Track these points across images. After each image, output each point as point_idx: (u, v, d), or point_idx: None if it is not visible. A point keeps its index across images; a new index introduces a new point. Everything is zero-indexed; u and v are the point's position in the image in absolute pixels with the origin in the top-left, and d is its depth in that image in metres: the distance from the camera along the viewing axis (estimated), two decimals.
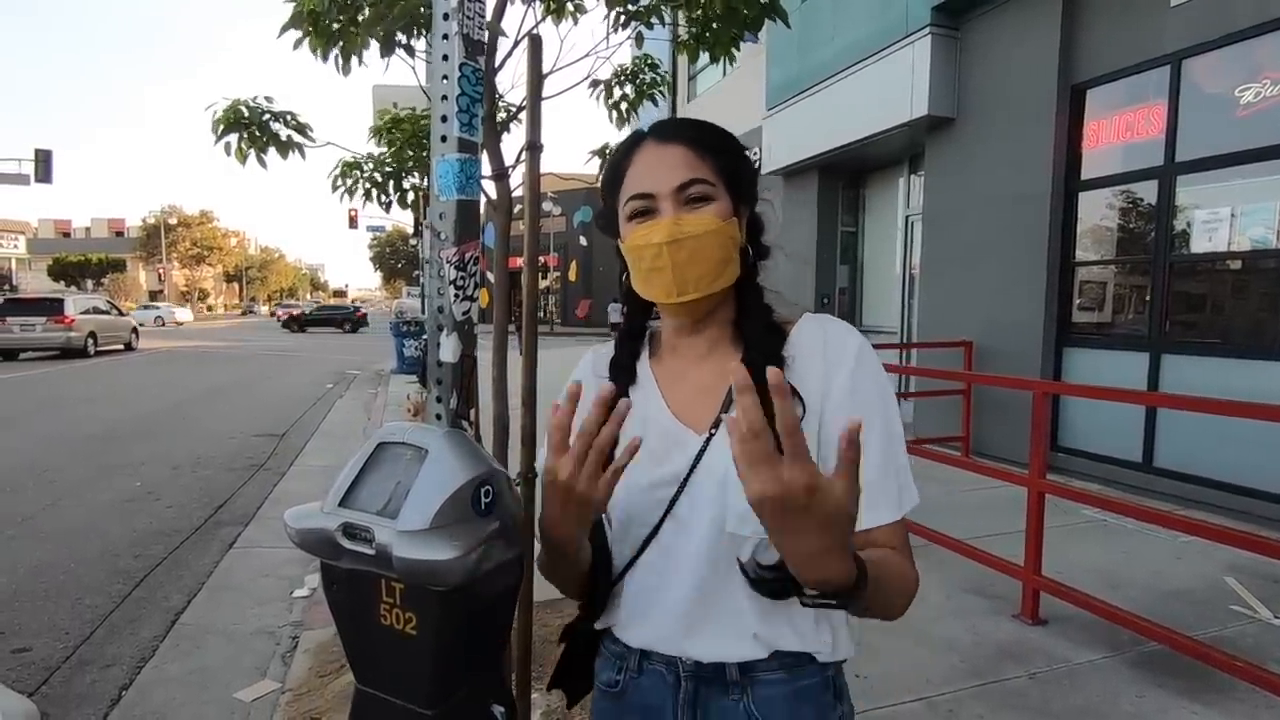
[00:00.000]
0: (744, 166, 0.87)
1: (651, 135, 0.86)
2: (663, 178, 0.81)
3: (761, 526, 0.73)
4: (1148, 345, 5.08)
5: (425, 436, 0.76)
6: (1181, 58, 4.81)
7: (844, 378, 0.80)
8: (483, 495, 0.74)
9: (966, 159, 6.38)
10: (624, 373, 0.91)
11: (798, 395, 0.78)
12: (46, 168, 21.18)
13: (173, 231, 55.65)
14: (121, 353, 19.00)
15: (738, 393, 0.58)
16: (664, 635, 0.82)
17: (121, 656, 3.05)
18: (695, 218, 0.80)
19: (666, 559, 0.81)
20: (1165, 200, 4.97)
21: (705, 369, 0.88)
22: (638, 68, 3.02)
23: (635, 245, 0.83)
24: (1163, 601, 3.23)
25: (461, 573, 0.67)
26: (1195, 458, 4.72)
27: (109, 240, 64.97)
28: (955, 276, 6.53)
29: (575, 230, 34.08)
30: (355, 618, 0.74)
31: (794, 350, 0.83)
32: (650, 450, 0.81)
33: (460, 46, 0.95)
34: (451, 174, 0.97)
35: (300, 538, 0.74)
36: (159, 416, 8.92)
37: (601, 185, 0.93)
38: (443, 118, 0.96)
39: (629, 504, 0.82)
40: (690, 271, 0.80)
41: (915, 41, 6.52)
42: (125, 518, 4.84)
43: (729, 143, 0.87)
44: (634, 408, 0.86)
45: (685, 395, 0.87)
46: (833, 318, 0.88)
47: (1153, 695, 2.49)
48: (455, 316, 1.01)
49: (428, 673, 0.70)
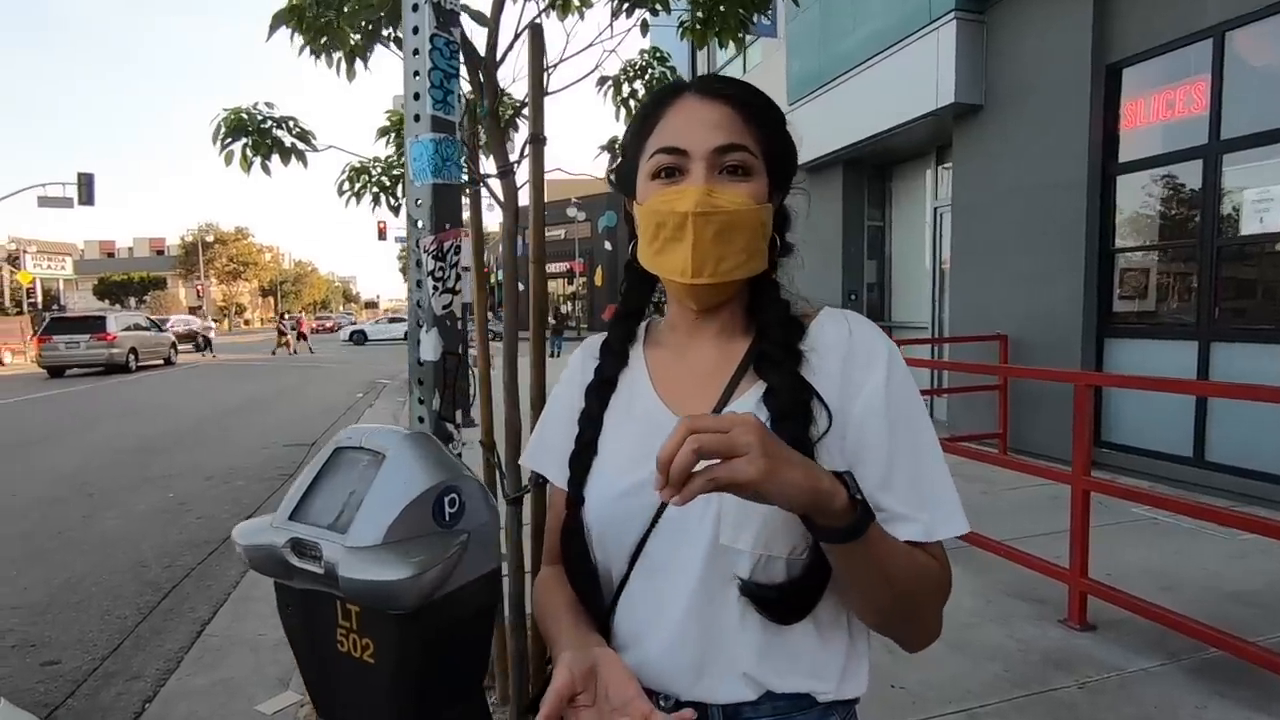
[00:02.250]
0: (789, 148, 0.77)
1: (695, 87, 0.74)
2: (701, 136, 0.70)
3: (759, 540, 0.66)
4: (1196, 334, 4.82)
5: (385, 440, 0.68)
6: (1224, 29, 4.56)
7: (876, 386, 0.70)
8: (446, 504, 0.66)
9: (996, 147, 6.17)
10: (615, 355, 0.82)
11: (820, 401, 0.69)
12: (89, 190, 21.91)
13: (210, 248, 57.20)
14: (161, 367, 19.52)
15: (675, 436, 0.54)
16: (648, 666, 0.71)
17: (147, 669, 3.05)
18: (731, 191, 0.70)
19: (655, 580, 0.71)
20: (1211, 181, 4.72)
21: (706, 353, 0.78)
22: (646, 62, 2.94)
23: (655, 209, 0.72)
24: (1222, 605, 3.02)
25: (419, 594, 0.59)
26: (1251, 451, 4.46)
27: (150, 259, 67.02)
28: (988, 268, 6.31)
29: (601, 235, 34.14)
30: (312, 644, 0.66)
31: (812, 344, 0.73)
32: (635, 446, 0.72)
33: (431, 16, 0.87)
34: (426, 155, 0.90)
35: (249, 555, 0.66)
36: (194, 429, 9.09)
37: (625, 135, 0.81)
38: (415, 95, 0.89)
39: (609, 511, 0.73)
40: (714, 251, 0.70)
41: (940, 28, 6.34)
42: (157, 529, 4.89)
43: (777, 116, 0.76)
44: (621, 396, 0.79)
45: (680, 382, 0.78)
46: (857, 314, 0.77)
47: (1215, 706, 2.31)
48: (435, 311, 0.94)
49: (387, 706, 0.62)
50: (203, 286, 55.31)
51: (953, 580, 0.71)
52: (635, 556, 0.72)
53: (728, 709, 0.69)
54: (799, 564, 0.67)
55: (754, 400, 0.71)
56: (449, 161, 0.93)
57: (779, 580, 0.67)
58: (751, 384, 0.73)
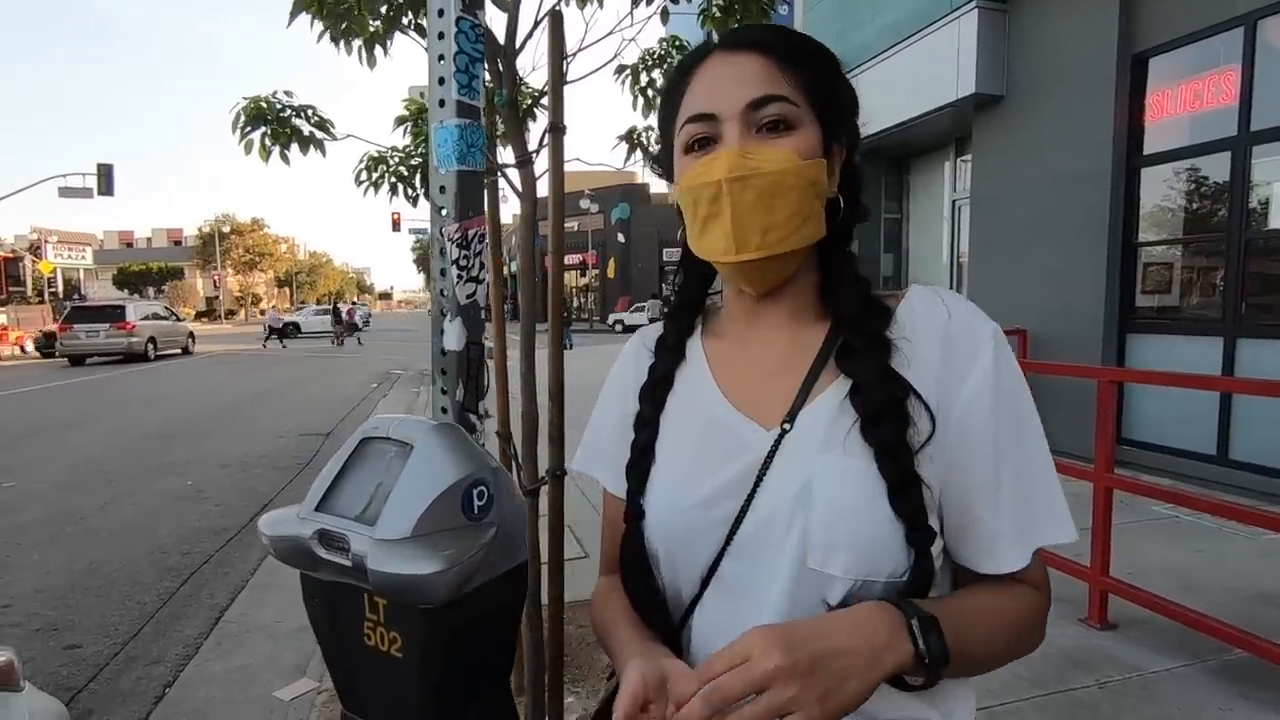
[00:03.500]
0: (840, 88, 0.66)
1: (720, 44, 0.65)
2: (730, 93, 0.62)
3: (853, 564, 0.58)
4: (1221, 329, 4.73)
5: (412, 430, 0.67)
6: (1256, 18, 4.45)
7: (981, 379, 0.60)
8: (475, 497, 0.65)
9: (1017, 138, 6.07)
10: (670, 352, 0.73)
11: (919, 399, 0.60)
12: (108, 181, 22.15)
13: (226, 239, 57.69)
14: (179, 356, 19.75)
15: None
16: None
17: (166, 654, 3.09)
18: (768, 149, 0.60)
19: (734, 601, 0.63)
20: (1240, 173, 4.62)
21: (773, 343, 0.68)
22: (665, 51, 2.91)
23: (689, 185, 0.64)
24: (1247, 605, 2.97)
25: (448, 588, 0.58)
26: (1277, 449, 4.38)
27: (168, 249, 67.73)
28: (1007, 262, 6.23)
29: (614, 228, 34.11)
30: (338, 637, 0.65)
31: (904, 330, 0.63)
32: (699, 454, 0.64)
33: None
34: (451, 141, 0.89)
35: (275, 546, 0.66)
36: (211, 417, 9.18)
37: (658, 117, 0.73)
38: (440, 79, 0.88)
39: (676, 527, 0.65)
40: (757, 221, 0.61)
41: (961, 17, 6.23)
42: (175, 516, 4.95)
43: (823, 55, 0.66)
44: (679, 396, 0.70)
45: (748, 377, 0.68)
46: (952, 292, 0.67)
47: (1241, 709, 2.27)
48: (459, 300, 0.92)
49: (415, 701, 0.62)
50: (219, 277, 55.85)
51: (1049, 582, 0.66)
52: (708, 577, 0.64)
53: None
54: (899, 586, 0.59)
55: (836, 399, 0.62)
56: (474, 148, 0.91)
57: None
58: (832, 380, 0.63)
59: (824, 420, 0.61)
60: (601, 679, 2.58)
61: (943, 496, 0.61)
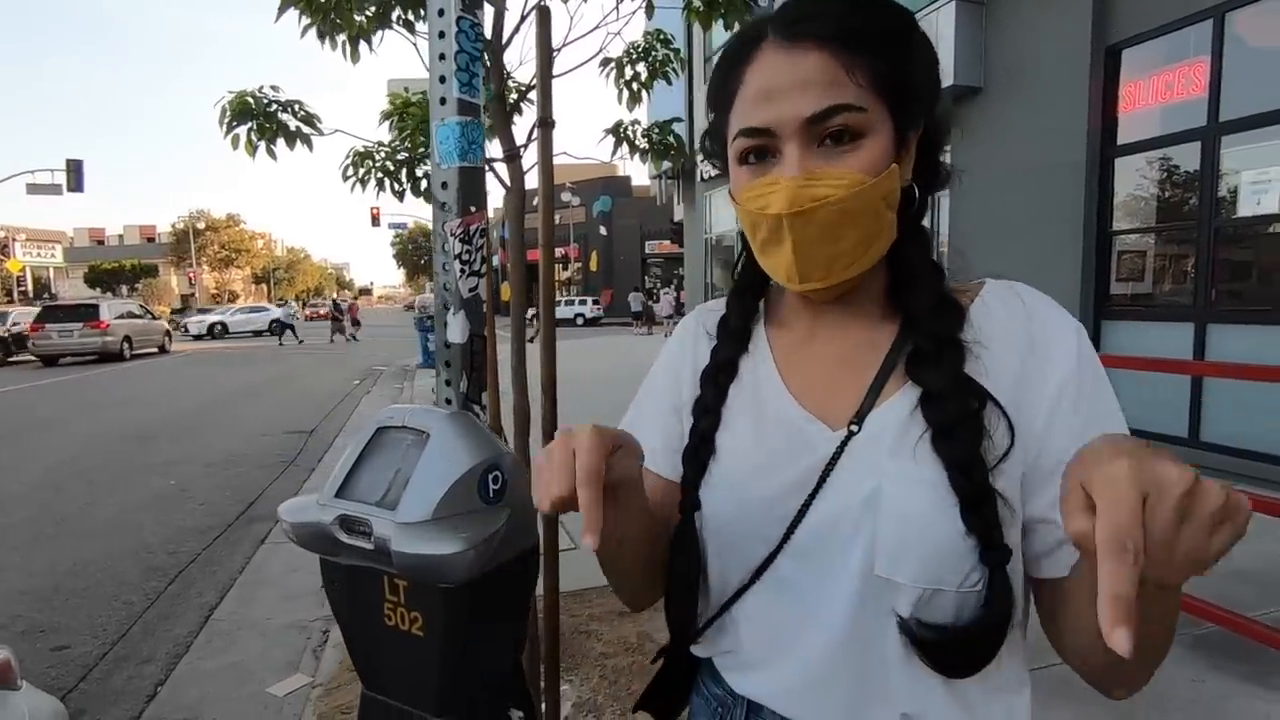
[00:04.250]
0: (917, 59, 0.59)
1: (774, 29, 0.57)
2: (785, 107, 0.55)
3: (924, 572, 0.54)
4: (1192, 315, 4.86)
5: (427, 419, 0.70)
6: (1225, 10, 4.56)
7: (1064, 384, 0.57)
8: (490, 481, 0.68)
9: (995, 129, 6.17)
10: (734, 337, 0.68)
11: (998, 408, 0.56)
12: (78, 177, 21.67)
13: (201, 235, 56.76)
14: (156, 355, 19.44)
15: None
16: (781, 692, 0.63)
17: (157, 653, 3.08)
18: (834, 173, 0.55)
19: (788, 597, 0.61)
20: (1209, 162, 4.74)
21: (844, 338, 0.64)
22: (649, 44, 2.92)
23: (747, 209, 0.59)
24: (1218, 581, 3.07)
25: (468, 567, 0.60)
26: (1246, 431, 4.52)
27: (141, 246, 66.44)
28: (986, 251, 6.33)
29: (595, 220, 34.07)
30: (358, 618, 0.68)
31: (980, 333, 0.59)
32: (762, 449, 0.62)
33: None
34: (453, 138, 0.91)
35: (296, 533, 0.68)
36: (192, 416, 9.08)
37: (707, 98, 0.66)
38: (440, 78, 0.89)
39: (734, 521, 0.63)
40: (821, 252, 0.56)
41: (940, 9, 6.31)
42: (160, 516, 4.91)
43: (895, 27, 0.58)
44: (743, 385, 0.66)
45: (813, 373, 0.64)
46: (1030, 288, 0.63)
47: (1213, 680, 2.37)
48: (462, 293, 0.95)
49: (437, 677, 0.64)
50: (195, 274, 54.96)
51: None
52: (760, 570, 0.62)
53: None
54: (972, 597, 0.55)
55: (906, 408, 0.58)
56: (474, 144, 0.94)
57: (947, 619, 0.56)
58: (902, 383, 0.60)
59: (894, 426, 0.58)
60: (593, 666, 2.62)
61: (1031, 508, 0.57)
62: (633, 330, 23.97)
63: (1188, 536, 0.36)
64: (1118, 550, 0.34)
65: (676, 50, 2.90)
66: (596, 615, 2.98)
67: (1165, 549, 0.36)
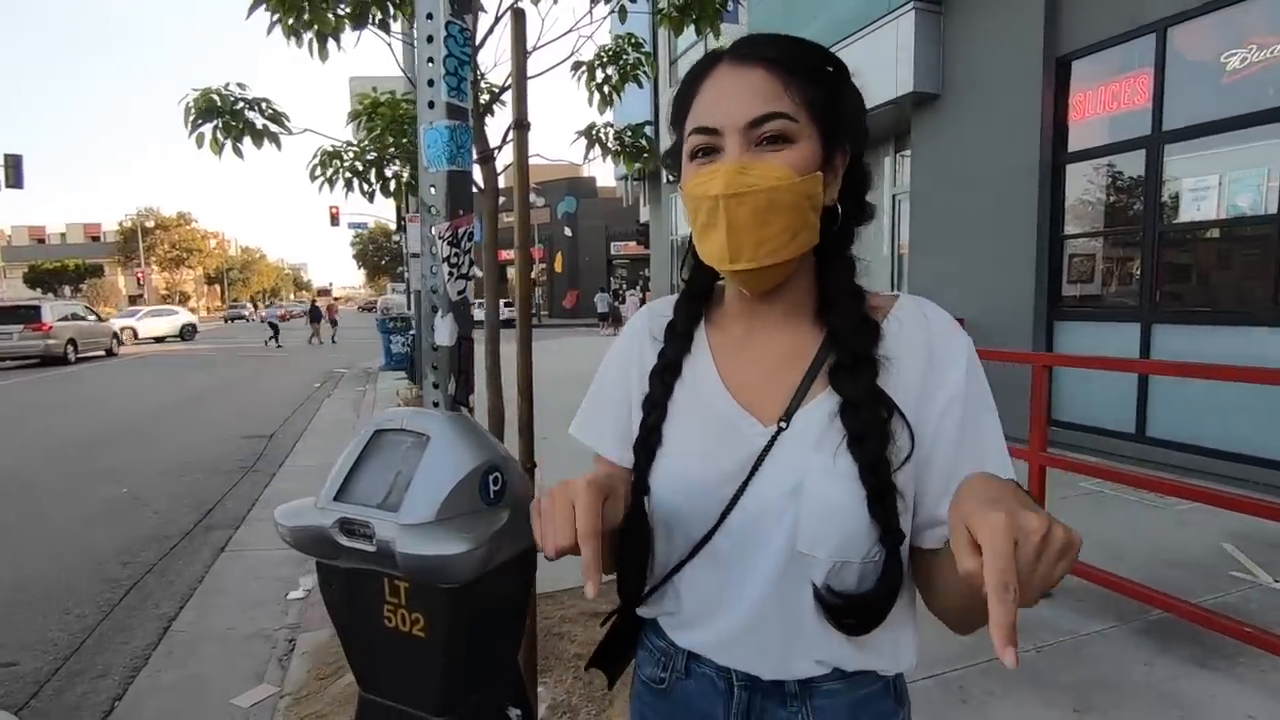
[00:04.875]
0: (845, 97, 0.70)
1: (729, 54, 0.69)
2: (731, 109, 0.65)
3: (836, 550, 0.66)
4: (1138, 316, 5.08)
5: (426, 421, 0.70)
6: (1167, 25, 4.78)
7: (954, 393, 0.67)
8: (491, 482, 0.68)
9: (953, 135, 6.35)
10: (679, 339, 0.78)
11: (902, 418, 0.66)
12: (17, 173, 20.67)
13: (151, 235, 54.77)
14: (103, 359, 18.70)
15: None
16: (717, 646, 0.74)
17: (113, 666, 2.97)
18: (765, 166, 0.64)
19: (722, 568, 0.71)
20: (1153, 170, 4.96)
21: (776, 341, 0.73)
22: (620, 48, 2.94)
23: (690, 193, 0.69)
24: (1165, 570, 3.23)
25: (473, 568, 0.61)
26: (1188, 426, 4.75)
27: (85, 245, 63.78)
28: (944, 253, 6.51)
29: (560, 221, 33.93)
30: (357, 621, 0.68)
31: (891, 348, 0.69)
32: (702, 440, 0.71)
33: (446, 3, 0.88)
34: (441, 142, 0.91)
35: (293, 536, 0.68)
36: (144, 422, 8.77)
37: (670, 119, 0.76)
38: (429, 81, 0.90)
39: (678, 504, 0.72)
40: (750, 235, 0.65)
41: (899, 17, 6.46)
42: (112, 525, 4.73)
43: (827, 64, 0.69)
44: (686, 383, 0.76)
45: (748, 373, 0.73)
46: (933, 305, 0.73)
47: (1161, 663, 2.48)
48: (450, 296, 0.95)
49: (439, 677, 0.65)
50: (143, 274, 53.02)
51: None
52: (698, 547, 0.72)
53: (802, 682, 0.72)
54: (872, 568, 0.67)
55: (827, 411, 0.68)
56: (463, 148, 0.94)
57: (851, 587, 0.68)
58: (824, 388, 0.69)
59: (816, 425, 0.68)
60: (567, 668, 2.62)
61: (915, 496, 0.69)
62: (599, 331, 23.95)
63: (1042, 570, 0.46)
64: (1001, 591, 0.43)
65: (648, 54, 2.93)
66: (569, 617, 2.98)
67: (1028, 582, 0.45)
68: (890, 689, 0.76)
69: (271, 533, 2.78)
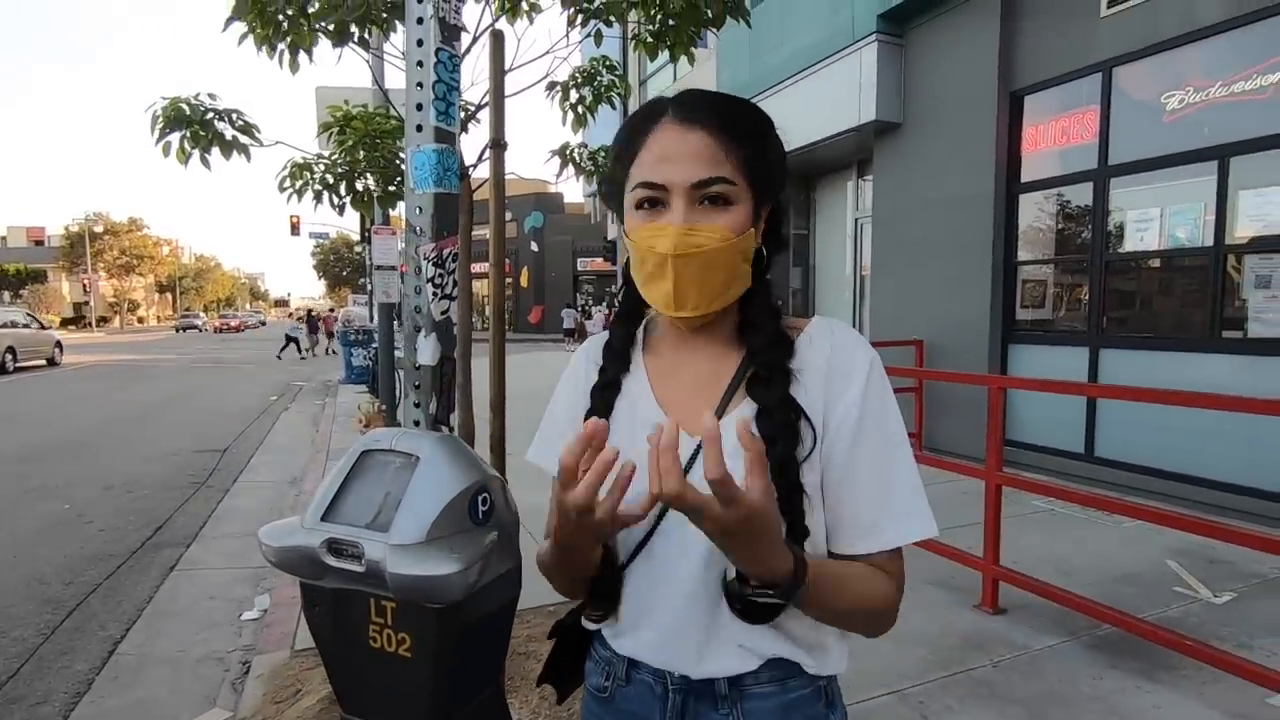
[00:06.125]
0: (773, 157, 0.79)
1: (674, 112, 0.75)
2: (679, 170, 0.72)
3: None
4: (1087, 340, 5.30)
5: (415, 442, 0.71)
6: (1112, 65, 5.04)
7: (852, 400, 0.75)
8: (480, 503, 0.69)
9: (913, 163, 6.56)
10: (618, 358, 0.85)
11: (808, 420, 0.74)
12: None
13: (99, 240, 52.84)
14: (44, 368, 17.92)
15: (706, 444, 0.57)
16: (651, 647, 0.79)
17: (54, 692, 2.84)
18: (709, 228, 0.72)
19: (656, 571, 0.77)
20: (1100, 202, 5.20)
21: (700, 364, 0.81)
22: (595, 69, 2.99)
23: (638, 244, 0.76)
24: (1112, 586, 3.35)
25: (463, 587, 0.62)
26: (1134, 447, 4.95)
27: (27, 249, 61.18)
28: (904, 277, 6.70)
29: (526, 236, 33.83)
30: (342, 642, 0.68)
31: (801, 362, 0.77)
32: (641, 453, 0.73)
33: (436, 31, 0.90)
34: (429, 165, 0.92)
35: (278, 557, 0.67)
36: (88, 435, 8.42)
37: (611, 151, 0.82)
38: (418, 106, 0.91)
39: None
40: (694, 288, 0.74)
41: (863, 48, 6.68)
42: (53, 543, 4.53)
43: (759, 128, 0.77)
44: (624, 400, 0.83)
45: (678, 391, 0.81)
46: (844, 325, 0.81)
47: (1109, 677, 2.57)
48: (434, 316, 0.96)
49: (425, 697, 0.65)
50: (90, 280, 51.07)
51: (904, 582, 0.79)
52: (638, 549, 0.78)
53: (732, 679, 0.76)
54: None
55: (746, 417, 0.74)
56: (449, 171, 0.95)
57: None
58: (743, 400, 0.77)
59: (734, 434, 0.72)
60: (533, 688, 2.59)
61: (823, 493, 0.76)
62: (565, 347, 23.88)
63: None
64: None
65: (622, 76, 2.98)
66: (535, 636, 2.95)
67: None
68: (822, 694, 0.80)
69: (225, 551, 2.75)
